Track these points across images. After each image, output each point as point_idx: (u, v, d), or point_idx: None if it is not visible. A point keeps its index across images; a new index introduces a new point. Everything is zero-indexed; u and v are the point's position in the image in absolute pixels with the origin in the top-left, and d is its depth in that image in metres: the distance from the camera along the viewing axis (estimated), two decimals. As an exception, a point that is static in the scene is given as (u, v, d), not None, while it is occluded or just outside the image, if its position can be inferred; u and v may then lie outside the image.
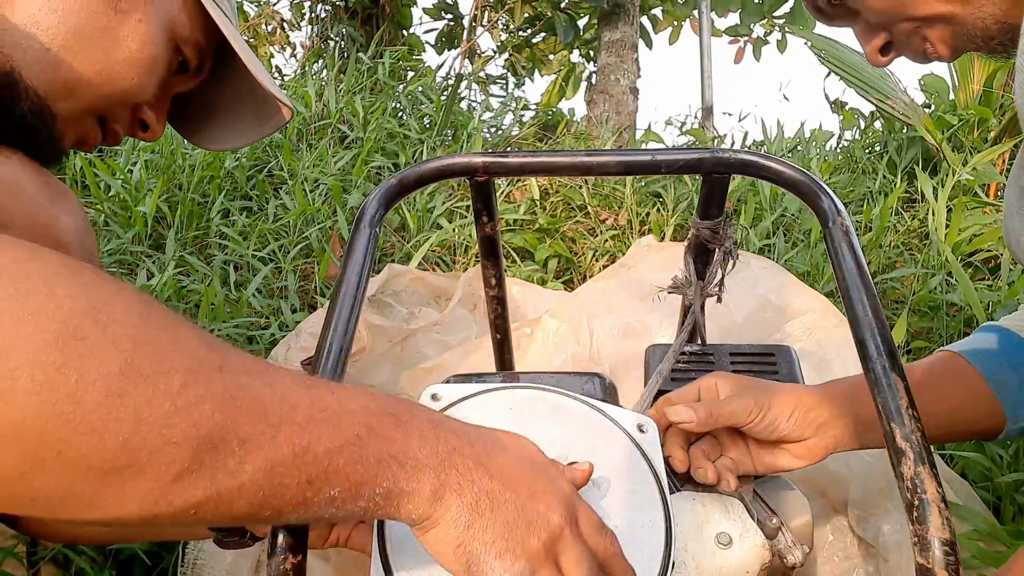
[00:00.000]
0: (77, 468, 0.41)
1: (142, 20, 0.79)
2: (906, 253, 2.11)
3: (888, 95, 2.70)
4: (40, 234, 0.79)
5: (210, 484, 0.45)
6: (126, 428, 0.42)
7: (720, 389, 0.86)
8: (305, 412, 0.49)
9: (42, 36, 0.74)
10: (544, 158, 0.92)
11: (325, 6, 4.59)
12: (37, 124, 0.77)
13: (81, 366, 0.41)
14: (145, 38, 0.79)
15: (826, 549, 1.13)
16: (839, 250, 0.78)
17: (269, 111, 0.94)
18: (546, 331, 1.51)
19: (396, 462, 0.52)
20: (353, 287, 0.77)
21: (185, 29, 0.83)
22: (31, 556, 1.10)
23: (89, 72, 0.77)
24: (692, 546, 0.76)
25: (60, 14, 0.74)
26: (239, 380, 0.47)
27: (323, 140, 2.74)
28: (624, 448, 0.75)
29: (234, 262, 1.96)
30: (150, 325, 0.44)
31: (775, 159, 0.87)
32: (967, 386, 0.91)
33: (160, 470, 0.43)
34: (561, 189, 2.50)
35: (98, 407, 0.41)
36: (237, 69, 0.88)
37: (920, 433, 0.64)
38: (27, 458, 0.40)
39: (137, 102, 0.84)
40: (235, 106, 0.96)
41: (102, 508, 0.44)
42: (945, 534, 0.59)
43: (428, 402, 0.77)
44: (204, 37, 0.86)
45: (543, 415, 0.76)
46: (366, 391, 0.55)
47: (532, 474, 0.59)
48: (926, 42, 0.82)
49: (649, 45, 5.18)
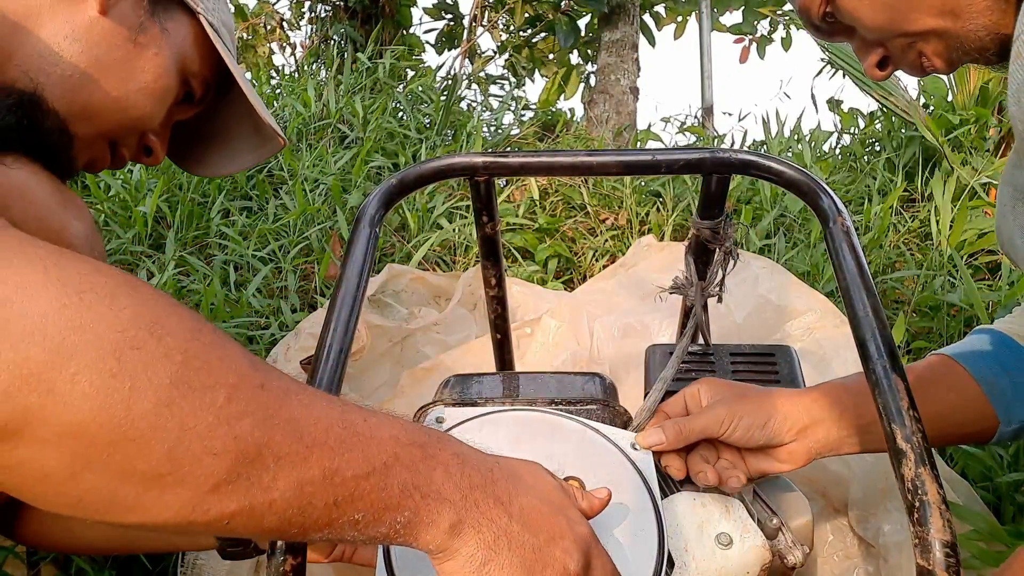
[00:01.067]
0: (123, 472, 0.43)
1: (158, 53, 0.84)
2: (906, 253, 2.11)
3: (890, 91, 2.70)
4: (51, 238, 0.80)
5: (244, 497, 0.47)
6: (172, 437, 0.44)
7: (702, 397, 0.87)
8: (337, 435, 0.51)
9: (65, 63, 0.78)
10: (544, 158, 0.92)
11: (325, 6, 4.59)
12: (57, 143, 0.81)
13: (135, 375, 0.43)
14: (160, 70, 0.84)
15: (826, 549, 1.13)
16: (839, 250, 0.78)
17: (264, 138, 0.99)
18: (546, 331, 1.51)
19: (419, 493, 0.54)
20: (353, 287, 0.77)
21: (195, 63, 0.89)
22: (31, 556, 1.10)
23: (107, 99, 0.82)
24: (692, 546, 0.76)
25: (83, 44, 0.79)
26: (278, 399, 0.49)
27: (323, 140, 2.74)
28: (618, 464, 0.77)
29: (234, 262, 1.96)
30: (200, 341, 0.47)
31: (775, 159, 0.87)
32: (958, 389, 0.90)
33: (200, 480, 0.45)
34: (561, 189, 2.50)
35: (148, 415, 0.43)
36: (233, 98, 0.94)
37: (921, 434, 0.64)
38: (78, 459, 0.42)
39: (146, 129, 0.89)
40: (229, 133, 1.01)
41: (142, 513, 0.45)
42: (946, 536, 0.59)
43: (433, 425, 0.80)
44: (209, 70, 0.91)
45: (541, 435, 0.79)
46: (398, 420, 0.57)
47: (552, 516, 0.60)
48: (922, 56, 0.83)
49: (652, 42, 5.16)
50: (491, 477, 0.59)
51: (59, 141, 0.81)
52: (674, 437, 0.82)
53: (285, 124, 2.77)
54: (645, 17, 4.99)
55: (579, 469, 0.72)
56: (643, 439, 0.82)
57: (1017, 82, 0.58)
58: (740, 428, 0.83)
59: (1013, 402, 0.89)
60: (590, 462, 0.76)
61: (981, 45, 0.78)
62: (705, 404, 0.86)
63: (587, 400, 0.88)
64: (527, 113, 3.81)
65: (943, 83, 2.85)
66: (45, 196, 0.81)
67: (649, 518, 0.72)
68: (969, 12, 0.76)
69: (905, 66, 0.86)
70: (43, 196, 0.81)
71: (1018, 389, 0.89)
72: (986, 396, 0.89)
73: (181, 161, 1.03)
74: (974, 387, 0.89)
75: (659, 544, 0.70)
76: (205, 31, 0.88)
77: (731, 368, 1.03)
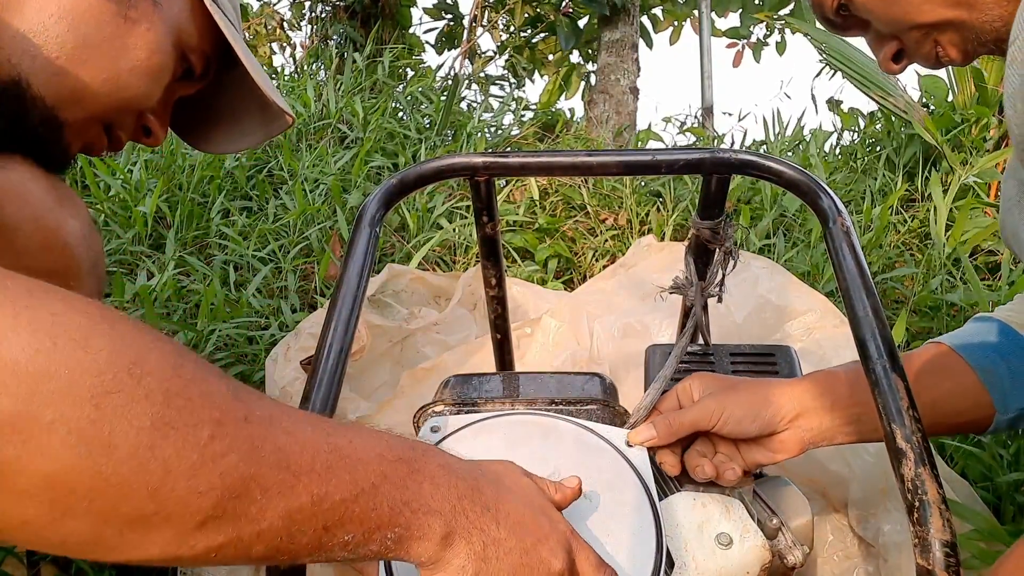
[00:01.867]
0: (106, 516, 0.43)
1: (150, 29, 0.79)
2: (906, 253, 2.11)
3: (889, 92, 2.69)
4: (48, 238, 0.80)
5: (232, 530, 0.46)
6: (155, 479, 0.43)
7: (694, 391, 0.87)
8: (324, 461, 0.51)
9: (51, 45, 0.74)
10: (544, 158, 0.92)
11: (325, 6, 4.59)
12: (46, 134, 0.77)
13: (115, 420, 0.42)
14: (153, 46, 0.80)
15: (826, 549, 1.13)
16: (839, 250, 0.78)
17: (271, 115, 0.94)
18: (546, 331, 1.51)
19: (409, 508, 0.54)
20: (353, 287, 0.77)
21: (192, 38, 0.84)
22: (31, 556, 1.10)
23: (97, 80, 0.77)
24: (692, 546, 0.76)
25: (69, 22, 0.74)
26: (263, 430, 0.48)
27: (323, 140, 2.74)
28: (613, 462, 0.78)
29: (234, 262, 1.96)
30: (182, 377, 0.45)
31: (775, 159, 0.87)
32: (953, 377, 0.89)
33: (185, 518, 0.44)
34: (561, 189, 2.50)
35: (129, 459, 0.42)
36: (239, 74, 0.88)
37: (921, 434, 0.64)
38: (58, 507, 0.41)
39: (142, 109, 0.84)
40: (236, 110, 0.96)
41: (126, 552, 0.45)
42: (946, 536, 0.59)
43: (428, 435, 0.80)
44: (209, 44, 0.86)
45: (536, 438, 0.79)
46: (382, 436, 0.57)
47: (535, 518, 0.61)
48: (937, 47, 0.82)
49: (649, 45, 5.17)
50: (476, 485, 0.59)
51: (47, 132, 0.77)
52: (665, 431, 0.82)
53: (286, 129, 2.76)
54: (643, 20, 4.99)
55: (575, 470, 0.72)
56: (634, 435, 0.82)
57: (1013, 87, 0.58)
58: (731, 419, 0.83)
59: (1010, 391, 0.88)
60: (586, 462, 0.77)
61: (997, 36, 0.77)
62: (696, 398, 0.86)
63: (587, 400, 0.88)
64: (527, 113, 3.81)
65: (943, 83, 2.85)
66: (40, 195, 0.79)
67: (646, 514, 0.73)
68: (984, 3, 0.76)
69: (920, 58, 0.85)
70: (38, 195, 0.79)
71: (1016, 378, 0.88)
72: (983, 384, 0.88)
73: (188, 137, 0.99)
74: (971, 375, 0.89)
75: (657, 540, 0.70)
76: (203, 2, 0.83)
77: (731, 368, 1.03)
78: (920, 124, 2.54)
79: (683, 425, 0.83)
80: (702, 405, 0.84)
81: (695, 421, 0.83)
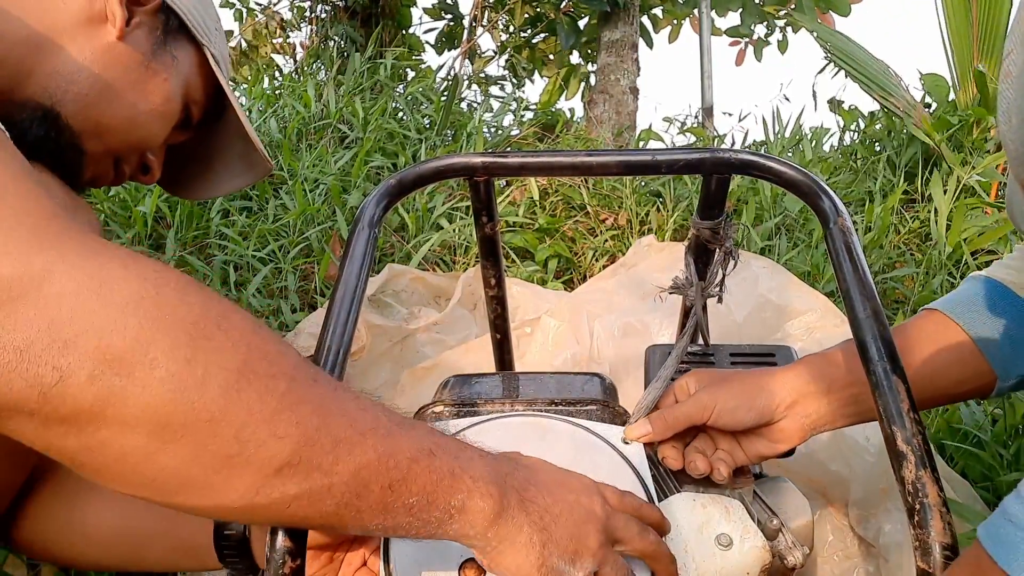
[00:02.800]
0: (195, 453, 0.47)
1: (167, 79, 0.90)
2: (907, 253, 2.10)
3: (891, 92, 2.69)
4: None
5: (304, 480, 0.50)
6: (240, 420, 0.47)
7: (690, 387, 0.86)
8: (384, 424, 0.55)
9: (83, 83, 0.83)
10: (544, 158, 0.92)
11: (325, 6, 4.59)
12: (70, 158, 0.86)
13: (207, 362, 0.47)
14: (168, 94, 0.90)
15: (826, 549, 1.13)
16: (840, 251, 0.78)
17: (248, 164, 1.03)
18: (546, 331, 1.51)
19: (468, 475, 0.57)
20: (352, 287, 0.77)
21: (196, 91, 0.95)
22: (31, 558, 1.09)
23: (118, 118, 0.87)
24: (692, 547, 0.75)
25: (101, 66, 0.84)
26: (330, 392, 0.53)
27: (323, 140, 2.74)
28: (610, 459, 0.78)
29: (234, 262, 1.96)
30: (260, 335, 0.51)
31: (776, 159, 0.87)
32: (951, 346, 0.87)
33: (265, 461, 0.48)
34: (561, 189, 2.50)
35: (218, 399, 0.47)
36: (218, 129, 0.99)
37: (922, 436, 0.64)
38: (155, 439, 0.46)
39: (148, 148, 0.93)
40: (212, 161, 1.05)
41: (211, 495, 0.49)
42: (946, 538, 0.59)
43: None
44: (206, 98, 0.97)
45: (535, 437, 0.80)
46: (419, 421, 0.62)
47: (563, 478, 0.65)
48: None
49: (649, 44, 5.16)
50: (514, 464, 0.63)
51: (72, 155, 0.86)
52: (660, 426, 0.82)
53: (285, 124, 2.77)
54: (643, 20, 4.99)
55: (572, 468, 0.72)
56: (631, 431, 0.82)
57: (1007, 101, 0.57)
58: (726, 411, 0.82)
59: (1010, 358, 0.86)
60: (583, 461, 0.76)
61: None
62: (692, 393, 0.86)
63: (587, 400, 0.88)
64: (527, 114, 3.81)
65: (945, 83, 2.85)
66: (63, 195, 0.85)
67: None
68: None
69: None
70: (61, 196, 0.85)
71: (1016, 344, 0.86)
72: (981, 352, 0.86)
73: (167, 185, 1.07)
74: (969, 344, 0.86)
75: None
76: (207, 61, 0.93)
77: (731, 368, 1.03)
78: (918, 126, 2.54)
79: (678, 419, 0.83)
80: (695, 398, 0.83)
81: (689, 414, 0.83)
